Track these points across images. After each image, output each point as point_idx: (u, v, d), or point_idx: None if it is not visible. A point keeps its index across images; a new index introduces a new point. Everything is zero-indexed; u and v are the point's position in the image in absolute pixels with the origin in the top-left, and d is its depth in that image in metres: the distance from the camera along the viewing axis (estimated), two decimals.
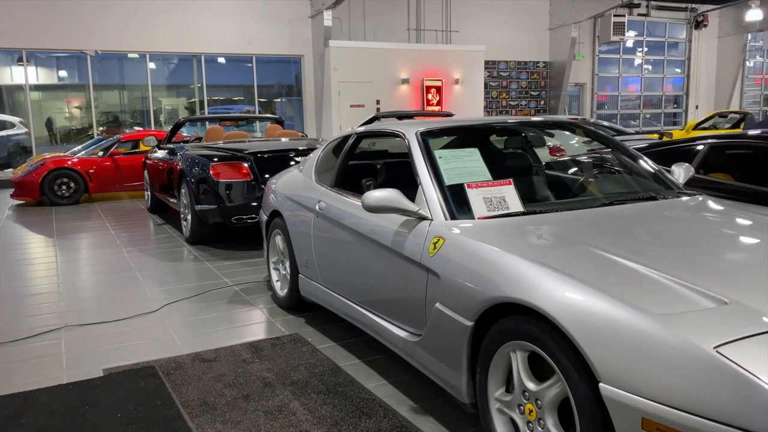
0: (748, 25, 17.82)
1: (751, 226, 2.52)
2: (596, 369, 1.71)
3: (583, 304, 1.80)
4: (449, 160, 2.82)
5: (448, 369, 2.39)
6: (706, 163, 4.38)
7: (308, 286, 3.73)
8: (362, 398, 2.79)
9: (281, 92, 15.61)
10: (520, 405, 2.07)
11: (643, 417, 1.60)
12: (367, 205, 2.67)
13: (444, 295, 2.36)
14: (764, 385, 1.44)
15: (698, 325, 1.63)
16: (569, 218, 2.54)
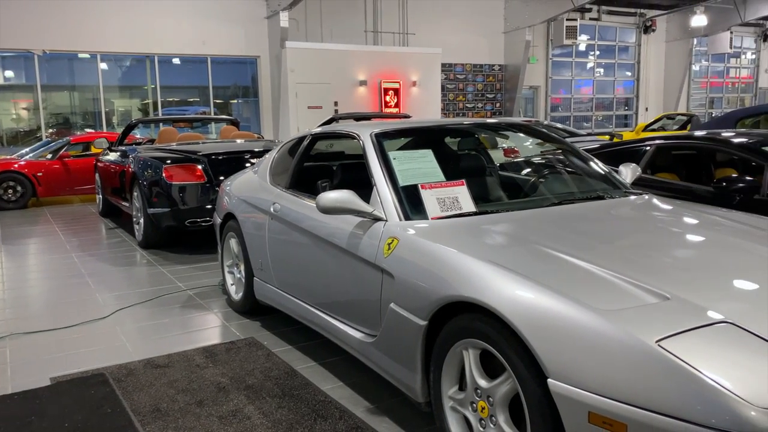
0: (694, 30, 18.44)
1: (695, 224, 2.60)
2: (544, 365, 1.74)
3: (531, 301, 1.83)
4: (403, 161, 2.84)
5: (402, 369, 2.40)
6: (653, 163, 4.52)
7: (263, 290, 3.69)
8: (318, 401, 2.78)
9: (237, 93, 15.42)
10: (473, 402, 2.10)
11: (589, 411, 1.64)
12: (321, 207, 2.66)
13: (398, 295, 2.37)
14: (703, 377, 1.50)
15: (641, 320, 1.68)
16: (520, 218, 2.59)
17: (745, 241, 2.38)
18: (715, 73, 22.06)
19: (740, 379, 1.50)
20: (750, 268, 2.08)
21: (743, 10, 18.20)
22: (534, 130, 3.76)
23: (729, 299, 1.83)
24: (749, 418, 1.42)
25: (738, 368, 1.55)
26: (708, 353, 1.58)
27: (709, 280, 1.96)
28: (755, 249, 2.28)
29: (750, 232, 2.49)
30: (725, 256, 2.20)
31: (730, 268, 2.07)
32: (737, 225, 2.60)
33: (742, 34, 21.54)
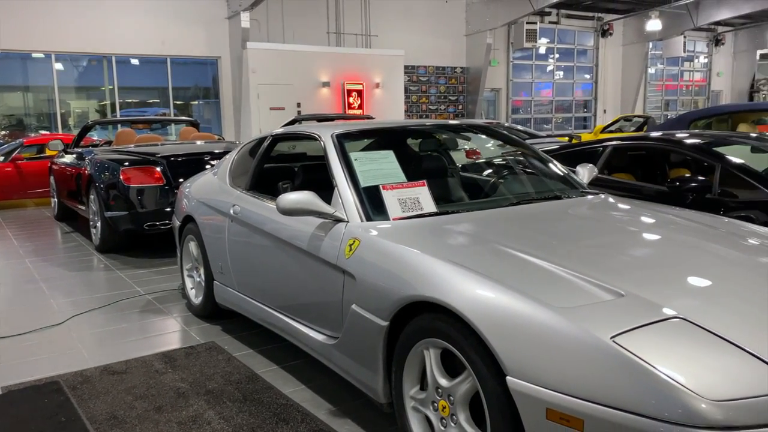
0: (649, 34, 18.91)
1: (650, 222, 2.66)
2: (503, 363, 1.76)
3: (491, 300, 1.85)
4: (365, 162, 2.84)
5: (364, 370, 2.39)
6: (609, 163, 4.61)
7: (224, 293, 3.64)
8: (279, 404, 2.75)
9: (198, 95, 15.20)
10: (434, 402, 2.11)
11: (547, 407, 1.66)
12: (282, 208, 2.64)
13: (360, 296, 2.36)
14: (656, 372, 1.53)
15: (596, 317, 1.71)
16: (480, 218, 2.61)
17: (699, 239, 2.45)
18: (670, 76, 22.66)
19: (692, 373, 1.54)
20: (703, 265, 2.14)
21: (696, 16, 18.75)
22: (494, 132, 3.80)
23: (682, 296, 1.88)
24: (700, 410, 1.46)
25: (690, 362, 1.59)
26: (661, 348, 1.62)
27: (663, 277, 2.01)
28: (708, 247, 2.35)
29: (703, 231, 2.57)
30: (679, 253, 2.26)
31: (683, 265, 2.13)
32: (691, 223, 2.67)
33: (695, 39, 22.19)
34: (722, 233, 2.55)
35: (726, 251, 2.31)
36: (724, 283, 1.98)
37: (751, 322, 1.75)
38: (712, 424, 1.45)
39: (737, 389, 1.51)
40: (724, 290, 1.93)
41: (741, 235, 2.55)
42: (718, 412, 1.46)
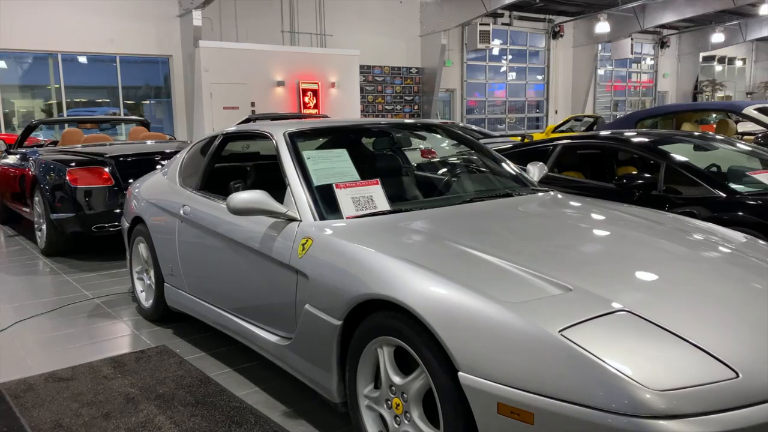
0: (598, 36, 19.39)
1: (598, 219, 2.72)
2: (455, 359, 1.77)
3: (442, 297, 1.86)
4: (318, 161, 2.82)
5: (318, 370, 2.38)
6: (560, 162, 4.71)
7: (175, 296, 3.57)
8: (233, 407, 2.71)
9: (149, 94, 14.87)
10: (388, 400, 2.10)
11: (498, 402, 1.68)
12: (232, 208, 2.59)
13: (313, 296, 2.34)
14: (603, 364, 1.56)
15: (545, 311, 1.74)
16: (432, 215, 2.63)
17: (645, 234, 2.51)
18: (619, 77, 23.29)
19: (637, 365, 1.58)
20: (649, 260, 2.19)
21: (642, 19, 19.32)
22: (448, 131, 3.82)
23: (629, 289, 1.93)
24: (645, 400, 1.50)
25: (635, 354, 1.63)
26: (607, 341, 1.65)
27: (610, 272, 2.06)
28: (655, 242, 2.42)
29: (649, 226, 2.64)
30: (626, 249, 2.32)
31: (630, 260, 2.18)
32: (637, 219, 2.74)
33: (642, 41, 22.85)
34: (668, 229, 2.62)
35: (672, 246, 2.38)
36: (669, 277, 2.03)
37: (694, 315, 1.81)
38: (656, 413, 1.49)
39: (680, 379, 1.56)
40: (670, 284, 1.99)
41: (686, 230, 2.63)
42: (661, 402, 1.50)
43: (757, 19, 21.21)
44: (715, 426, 1.50)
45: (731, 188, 3.61)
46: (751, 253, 2.39)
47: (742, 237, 2.63)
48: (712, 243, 2.47)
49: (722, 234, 2.64)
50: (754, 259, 2.33)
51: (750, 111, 5.69)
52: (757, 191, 3.61)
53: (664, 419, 1.49)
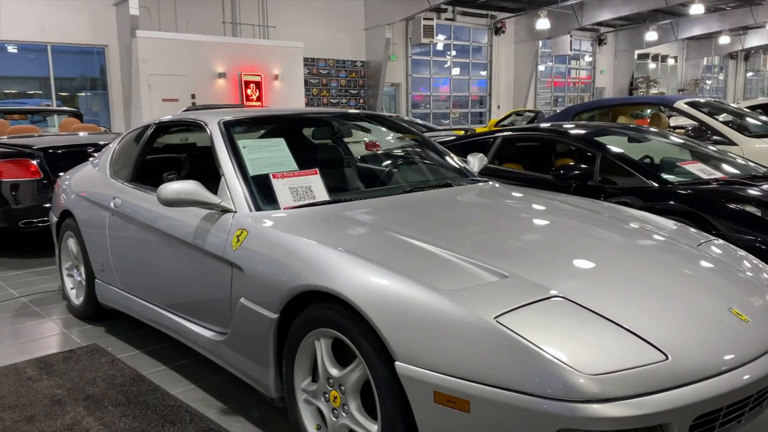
0: (539, 32, 19.77)
1: (535, 208, 2.75)
2: (392, 348, 1.74)
3: (379, 286, 1.83)
4: (254, 150, 2.74)
5: (255, 365, 2.31)
6: (500, 154, 4.75)
7: (106, 292, 3.42)
8: (167, 405, 2.61)
9: (85, 85, 14.28)
10: (325, 393, 2.06)
11: (435, 390, 1.66)
12: (163, 199, 2.49)
13: (248, 289, 2.28)
14: (538, 350, 1.56)
15: (481, 298, 1.73)
16: (371, 205, 2.59)
17: (582, 223, 2.55)
18: (559, 73, 23.83)
19: (571, 350, 1.59)
20: (586, 248, 2.22)
21: (581, 16, 19.81)
22: (391, 122, 3.80)
23: (564, 276, 1.94)
24: (579, 385, 1.51)
25: (569, 339, 1.64)
26: (542, 327, 1.66)
27: (546, 260, 2.07)
28: (591, 231, 2.45)
29: (586, 215, 2.67)
30: (562, 237, 2.35)
31: (566, 248, 2.20)
32: (575, 209, 2.77)
33: (580, 38, 23.43)
34: (604, 218, 2.67)
35: (607, 235, 2.42)
36: (604, 265, 2.06)
37: (627, 300, 1.83)
38: (590, 398, 1.50)
39: (612, 362, 1.58)
40: (604, 271, 2.02)
41: (621, 219, 2.68)
42: (595, 386, 1.51)
43: (687, 18, 22.06)
44: (646, 408, 1.52)
45: (663, 178, 3.72)
46: (682, 240, 2.46)
47: (673, 224, 2.70)
48: (645, 231, 2.52)
49: (655, 222, 2.71)
50: (684, 246, 2.39)
51: (681, 105, 5.89)
52: (688, 181, 3.73)
53: (597, 403, 1.50)
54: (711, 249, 2.40)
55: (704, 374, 1.63)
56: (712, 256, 2.31)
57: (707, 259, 2.27)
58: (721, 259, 2.31)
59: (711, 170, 3.87)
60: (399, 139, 3.77)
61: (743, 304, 1.94)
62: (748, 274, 2.22)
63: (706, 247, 2.41)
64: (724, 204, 3.39)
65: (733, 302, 1.93)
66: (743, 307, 1.92)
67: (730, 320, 1.84)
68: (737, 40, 26.33)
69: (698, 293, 1.97)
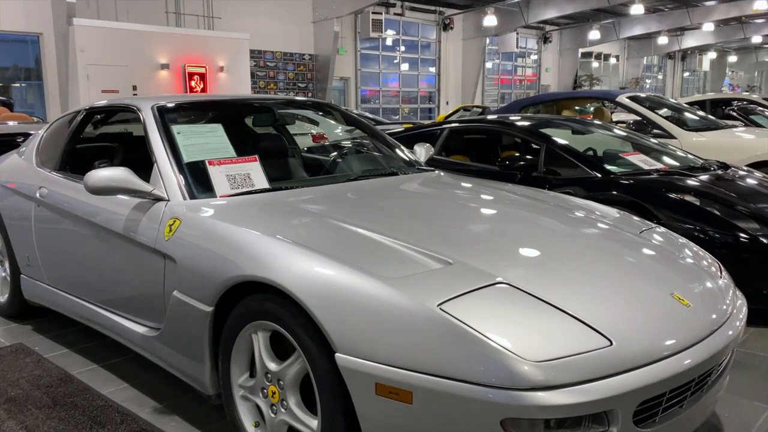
0: (486, 29, 19.95)
1: (481, 197, 2.71)
2: (332, 339, 1.66)
3: (319, 275, 1.75)
4: (189, 136, 2.61)
5: (190, 361, 2.19)
6: (447, 146, 4.73)
7: (33, 288, 3.22)
8: (96, 406, 2.46)
9: (18, 75, 13.62)
10: (264, 388, 1.97)
11: (376, 382, 1.59)
12: (91, 186, 2.34)
13: (181, 281, 2.16)
14: (482, 338, 1.51)
15: (424, 286, 1.67)
16: (312, 193, 2.51)
17: (527, 212, 2.52)
18: (505, 71, 24.13)
19: (515, 336, 1.54)
20: (530, 236, 2.19)
21: (527, 13, 20.10)
22: (339, 111, 3.70)
23: (509, 264, 1.90)
24: (523, 373, 1.46)
25: (513, 326, 1.59)
26: (486, 313, 1.61)
27: (491, 248, 2.03)
28: (536, 219, 2.42)
29: (531, 205, 2.65)
30: (508, 225, 2.31)
31: (512, 236, 2.16)
32: (520, 198, 2.74)
33: (526, 36, 23.79)
34: (550, 207, 2.65)
35: (553, 223, 2.39)
36: (549, 252, 2.03)
37: (572, 287, 1.80)
38: (535, 385, 1.46)
39: (557, 349, 1.54)
40: (550, 259, 1.98)
41: (566, 207, 2.67)
42: (539, 373, 1.47)
43: (628, 18, 22.68)
44: (591, 395, 1.49)
45: (606, 169, 3.75)
46: (625, 228, 2.46)
47: (616, 213, 2.71)
48: (590, 219, 2.52)
49: (599, 210, 2.71)
50: (627, 233, 2.39)
51: (623, 99, 6.00)
52: (630, 171, 3.77)
53: (542, 390, 1.46)
54: (653, 236, 2.41)
55: (648, 359, 1.61)
56: (654, 244, 2.32)
57: (649, 246, 2.28)
58: (662, 246, 2.32)
59: (652, 161, 3.93)
60: (346, 129, 3.68)
61: (684, 290, 1.94)
62: (688, 260, 2.23)
63: (648, 235, 2.42)
64: (665, 194, 3.44)
65: (674, 287, 1.93)
66: (684, 292, 1.92)
67: (672, 305, 1.84)
68: (675, 40, 27.25)
69: (641, 279, 1.96)
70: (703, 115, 6.32)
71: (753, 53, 33.06)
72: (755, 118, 7.97)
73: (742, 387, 2.57)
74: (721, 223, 3.24)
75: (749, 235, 3.17)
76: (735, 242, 3.18)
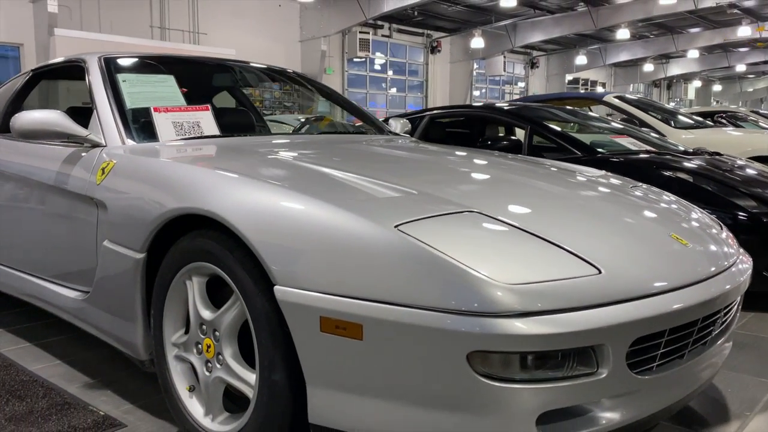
0: (473, 52, 20.01)
1: (454, 153, 2.44)
2: (270, 270, 1.40)
3: (258, 201, 1.50)
4: (135, 84, 2.37)
5: (121, 322, 1.92)
6: (427, 134, 4.51)
7: None
8: (18, 381, 2.17)
9: None
10: (198, 343, 1.69)
11: (321, 316, 1.33)
12: (18, 128, 2.09)
13: (112, 228, 1.89)
14: (445, 258, 1.26)
15: (381, 209, 1.43)
16: (269, 140, 2.27)
17: (507, 163, 2.30)
18: (493, 97, 24.18)
19: (485, 259, 1.30)
20: (510, 180, 1.95)
21: (514, 37, 20.21)
22: (309, 81, 3.48)
23: (483, 198, 1.67)
24: (494, 297, 1.22)
25: (483, 249, 1.35)
26: (452, 236, 1.36)
27: (464, 186, 1.79)
28: (517, 169, 2.20)
29: (516, 164, 2.37)
30: (484, 171, 2.09)
31: (493, 182, 1.93)
32: (498, 157, 2.50)
33: (514, 61, 23.93)
34: (532, 164, 2.41)
35: (537, 173, 2.16)
36: (533, 192, 1.80)
37: (558, 221, 1.57)
38: (507, 311, 1.21)
39: (536, 274, 1.30)
40: (532, 197, 1.76)
41: (552, 165, 2.43)
42: (513, 298, 1.22)
43: (615, 44, 22.88)
44: (575, 325, 1.24)
45: (593, 149, 3.55)
46: (617, 182, 2.23)
47: (605, 173, 2.47)
48: (578, 173, 2.28)
49: (588, 170, 2.46)
50: (620, 185, 2.16)
51: (610, 99, 5.85)
52: (619, 151, 3.56)
53: (516, 318, 1.21)
54: (645, 190, 2.18)
55: (643, 292, 1.36)
56: (647, 195, 2.09)
57: (643, 197, 2.04)
58: (656, 198, 2.09)
59: (641, 144, 3.73)
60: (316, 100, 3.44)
61: (682, 231, 1.71)
62: (687, 211, 2.00)
63: (640, 189, 2.19)
64: (657, 172, 3.23)
65: (673, 229, 1.70)
66: (684, 234, 1.69)
67: (671, 243, 1.60)
68: (660, 68, 27.54)
69: (635, 218, 1.74)
70: (690, 116, 6.17)
71: (737, 83, 33.49)
72: (744, 125, 7.86)
73: (746, 365, 2.33)
74: (718, 201, 3.02)
75: (747, 213, 2.95)
76: (733, 221, 2.96)
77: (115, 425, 1.86)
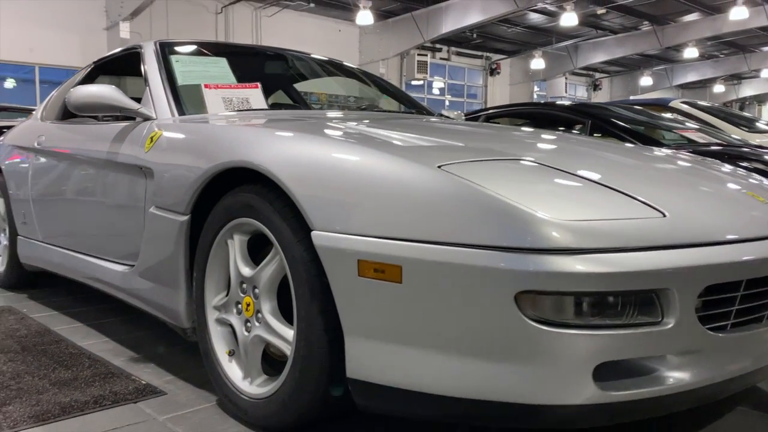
0: (534, 73, 19.82)
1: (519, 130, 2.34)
2: (308, 215, 1.35)
3: (300, 152, 1.47)
4: (187, 64, 2.40)
5: (164, 290, 1.90)
6: None
7: (27, 249, 3.00)
8: (67, 354, 2.18)
9: None
10: (238, 303, 1.65)
11: (358, 259, 1.26)
12: (74, 102, 2.13)
13: (157, 194, 1.89)
14: (491, 194, 1.18)
15: (423, 152, 1.37)
16: (320, 113, 2.24)
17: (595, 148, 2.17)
18: None
19: (536, 197, 1.20)
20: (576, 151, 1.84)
21: (575, 58, 19.91)
22: (370, 76, 3.47)
23: (542, 153, 1.58)
24: (546, 231, 1.12)
25: (535, 188, 1.26)
26: (501, 177, 1.28)
27: (516, 145, 1.70)
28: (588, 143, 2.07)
29: (602, 144, 2.26)
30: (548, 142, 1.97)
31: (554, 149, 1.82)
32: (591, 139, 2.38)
33: (575, 83, 23.55)
34: (627, 147, 2.28)
35: (607, 147, 2.04)
36: (598, 155, 1.69)
37: (623, 172, 1.47)
38: (560, 247, 1.11)
39: (593, 213, 1.19)
40: (596, 158, 1.66)
41: (648, 149, 2.30)
42: (567, 235, 1.12)
43: (682, 64, 22.19)
44: (635, 265, 1.12)
45: (658, 142, 3.37)
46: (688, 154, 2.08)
47: None
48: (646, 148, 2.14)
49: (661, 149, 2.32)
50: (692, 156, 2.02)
51: (677, 104, 5.59)
52: (686, 143, 3.37)
53: (570, 254, 1.10)
54: (717, 162, 2.03)
55: (714, 239, 1.23)
56: (719, 166, 1.94)
57: (716, 168, 1.89)
58: (732, 169, 1.93)
59: (710, 138, 3.52)
60: (375, 94, 3.41)
61: (761, 191, 1.56)
62: (759, 178, 1.84)
63: (713, 162, 2.03)
64: (733, 162, 3.02)
65: (750, 188, 1.56)
66: (762, 193, 1.54)
67: (748, 199, 1.46)
68: (732, 89, 26.50)
69: (707, 177, 1.60)
70: (765, 121, 5.84)
71: None
72: None
73: None
74: None
75: None
76: None
77: (155, 392, 1.83)
